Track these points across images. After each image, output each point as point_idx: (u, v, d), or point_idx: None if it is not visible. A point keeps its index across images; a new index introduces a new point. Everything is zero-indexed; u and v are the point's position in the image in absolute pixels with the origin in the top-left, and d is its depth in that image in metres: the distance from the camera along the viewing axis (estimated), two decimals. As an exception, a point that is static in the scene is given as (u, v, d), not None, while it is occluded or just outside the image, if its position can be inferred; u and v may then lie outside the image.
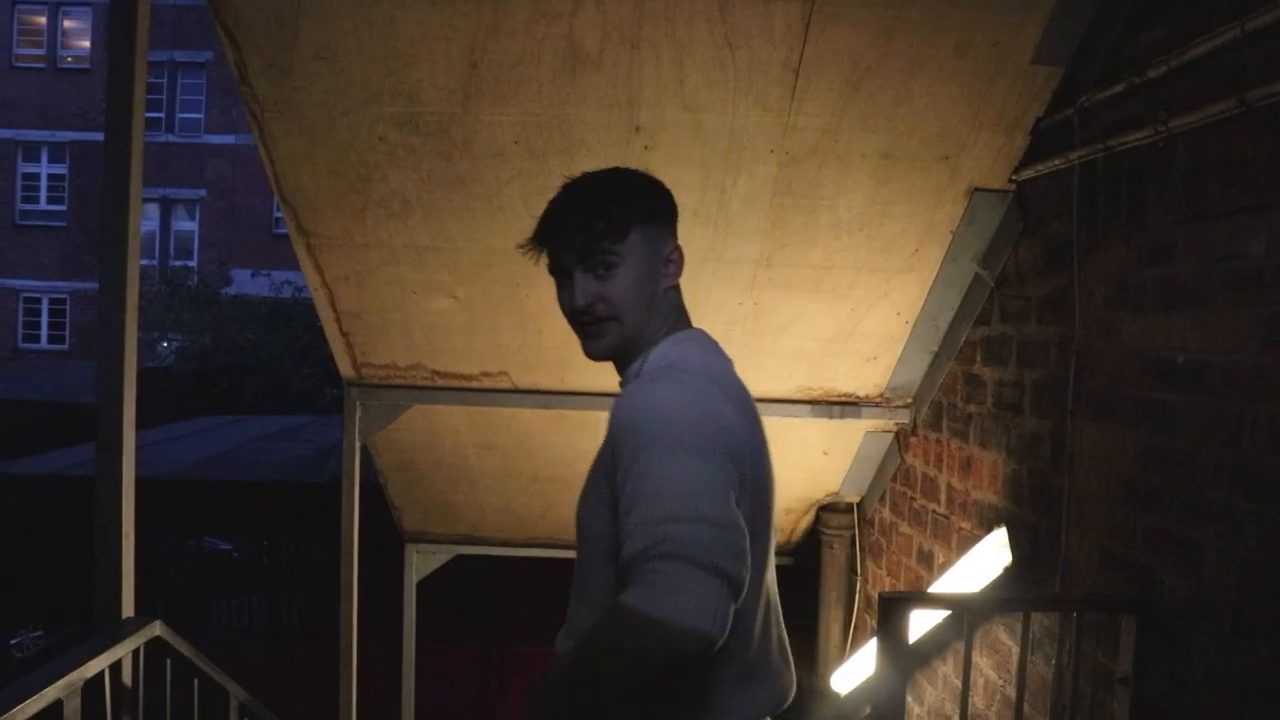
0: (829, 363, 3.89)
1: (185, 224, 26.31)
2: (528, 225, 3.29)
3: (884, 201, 3.22)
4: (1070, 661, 2.57)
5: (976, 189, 3.18)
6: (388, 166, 3.13)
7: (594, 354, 1.74)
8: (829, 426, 4.18)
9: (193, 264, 24.97)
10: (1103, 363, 2.63)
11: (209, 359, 19.90)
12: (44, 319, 27.17)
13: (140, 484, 7.37)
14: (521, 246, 1.78)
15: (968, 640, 2.62)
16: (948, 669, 3.63)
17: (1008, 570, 3.06)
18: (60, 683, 1.70)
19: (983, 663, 3.25)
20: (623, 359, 1.75)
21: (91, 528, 2.12)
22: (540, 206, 3.33)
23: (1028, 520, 3.01)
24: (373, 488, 4.94)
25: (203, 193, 25.95)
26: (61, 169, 27.10)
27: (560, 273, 1.73)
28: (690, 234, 3.29)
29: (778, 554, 1.81)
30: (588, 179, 1.79)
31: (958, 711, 2.82)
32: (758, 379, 3.74)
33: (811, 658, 4.80)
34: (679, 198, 3.23)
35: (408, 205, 3.24)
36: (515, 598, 8.55)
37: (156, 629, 1.95)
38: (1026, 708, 2.81)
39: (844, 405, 4.08)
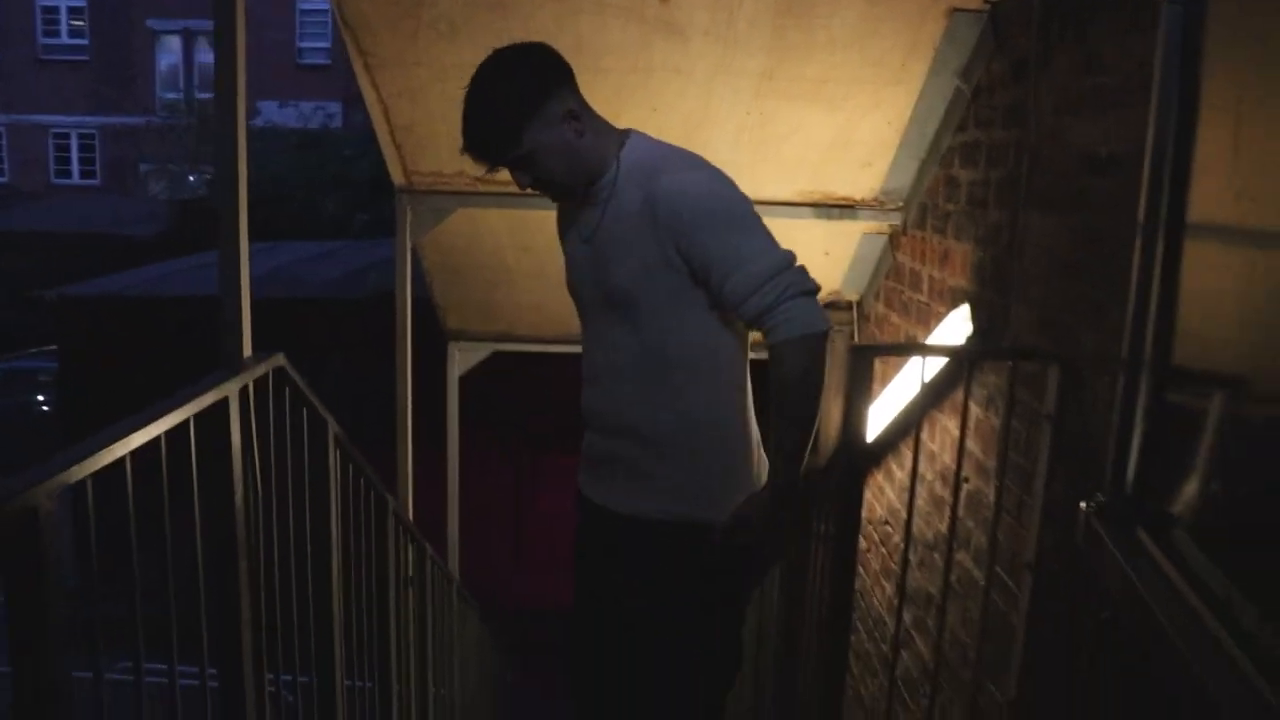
0: (827, 168, 4.37)
1: (208, 56, 26.34)
2: (559, 45, 3.76)
3: (874, 20, 3.64)
4: (1008, 406, 3.14)
5: (955, 9, 3.59)
6: (437, -9, 3.56)
7: (554, 199, 2.41)
8: (829, 228, 4.67)
9: (218, 95, 25.08)
10: (1049, 161, 3.11)
11: (240, 189, 20.23)
12: (74, 154, 27.47)
13: (180, 301, 7.87)
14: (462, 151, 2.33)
15: (922, 380, 3.16)
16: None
17: (969, 339, 3.61)
18: (208, 395, 2.12)
19: (947, 422, 3.82)
20: (580, 188, 2.30)
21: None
22: (570, 27, 3.79)
23: (987, 298, 3.54)
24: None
25: (224, 23, 25.76)
26: (80, 1, 26.98)
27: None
28: (702, 50, 3.73)
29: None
30: (470, 98, 2.30)
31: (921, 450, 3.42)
32: (764, 183, 4.23)
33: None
34: (692, 18, 3.68)
35: (454, 27, 3.68)
36: (543, 403, 9.18)
37: (281, 359, 2.46)
38: (971, 444, 3.40)
39: (842, 208, 4.56)
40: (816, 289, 2.23)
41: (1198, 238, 1.73)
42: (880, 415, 4.20)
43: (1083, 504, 2.00)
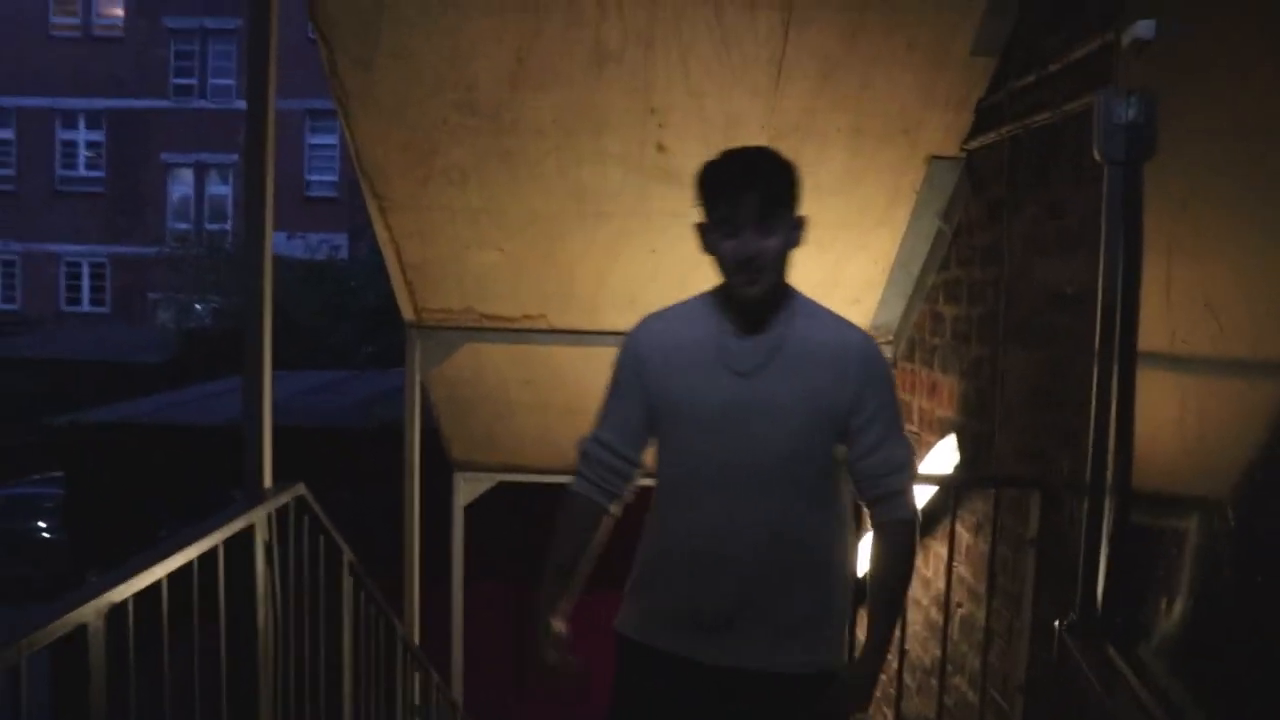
0: (818, 305, 4.57)
1: (219, 188, 27.00)
2: (562, 190, 4.02)
3: (858, 169, 3.89)
4: (994, 532, 3.27)
5: (934, 157, 3.85)
6: (449, 143, 3.82)
7: (752, 296, 2.17)
8: (820, 361, 4.84)
9: (228, 227, 25.72)
10: (1022, 297, 3.31)
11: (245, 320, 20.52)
12: (85, 282, 27.92)
13: (188, 431, 7.97)
14: (700, 186, 2.22)
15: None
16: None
17: (956, 468, 3.76)
18: (237, 522, 2.30)
19: (939, 548, 3.94)
20: (770, 301, 2.20)
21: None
22: (573, 174, 4.03)
23: (972, 428, 3.70)
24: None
25: (235, 157, 26.49)
26: (98, 135, 27.77)
27: (724, 226, 2.15)
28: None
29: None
30: (761, 154, 2.27)
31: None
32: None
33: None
34: (687, 165, 3.91)
35: (465, 175, 3.93)
36: (546, 534, 9.21)
37: (301, 489, 2.61)
38: (961, 568, 3.52)
39: (832, 342, 4.74)
40: None
41: (1148, 366, 1.91)
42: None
43: (1057, 623, 2.13)
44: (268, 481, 2.68)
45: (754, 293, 2.17)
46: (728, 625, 2.22)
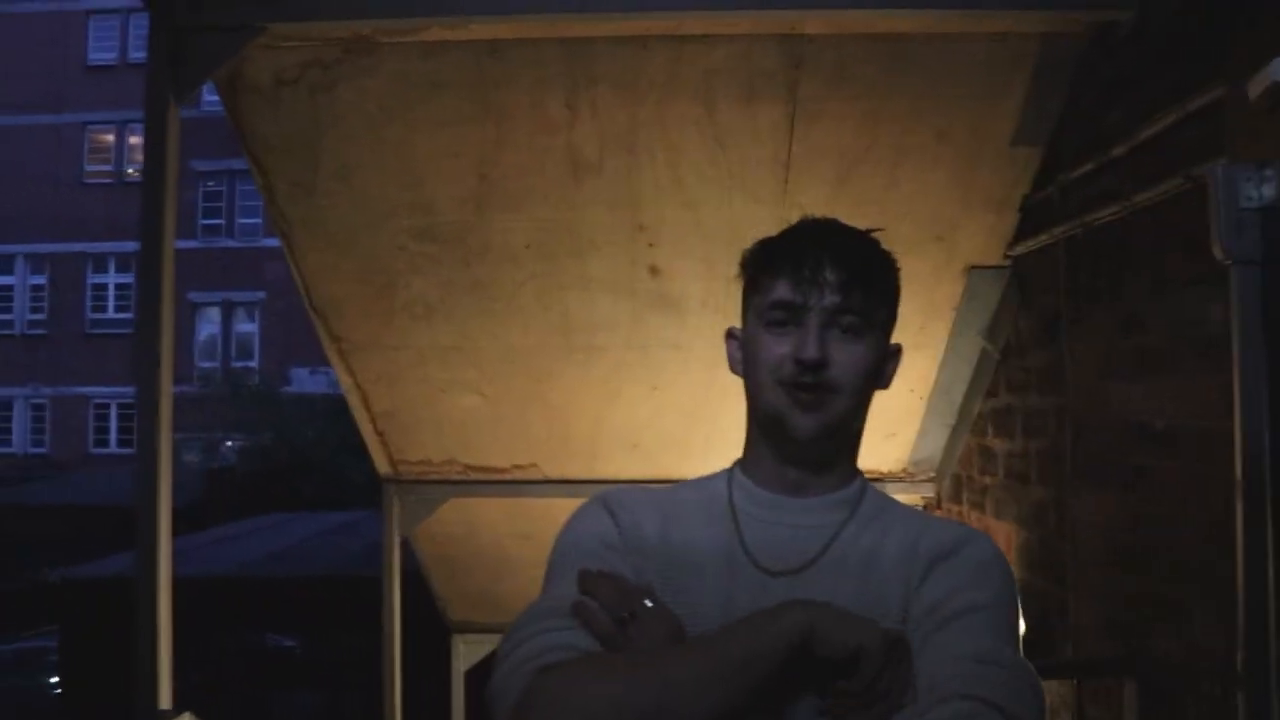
0: (849, 440, 3.98)
1: (246, 326, 27.03)
2: (544, 323, 3.45)
3: (885, 283, 3.34)
4: (1080, 726, 2.62)
5: (973, 266, 3.30)
6: (410, 274, 3.32)
7: (805, 430, 1.31)
8: (855, 502, 4.25)
9: (253, 364, 25.56)
10: (1094, 431, 2.71)
11: (270, 456, 20.27)
12: (113, 424, 27.88)
13: (202, 583, 7.55)
14: (746, 266, 1.41)
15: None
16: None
17: (1022, 638, 3.11)
18: None
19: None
20: (823, 456, 1.35)
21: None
22: (556, 305, 3.50)
23: (1038, 587, 3.07)
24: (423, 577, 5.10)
25: (262, 294, 26.58)
26: (128, 278, 27.98)
27: (783, 311, 1.33)
28: (701, 324, 3.43)
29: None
30: (854, 230, 1.40)
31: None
32: (778, 458, 3.85)
33: None
34: (686, 290, 3.39)
35: (431, 309, 3.42)
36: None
37: (187, 719, 2.08)
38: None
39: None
40: None
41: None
42: None
43: None
44: (164, 703, 2.16)
45: (806, 426, 1.31)
46: None
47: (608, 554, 1.32)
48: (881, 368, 1.36)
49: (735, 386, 3.55)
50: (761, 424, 1.37)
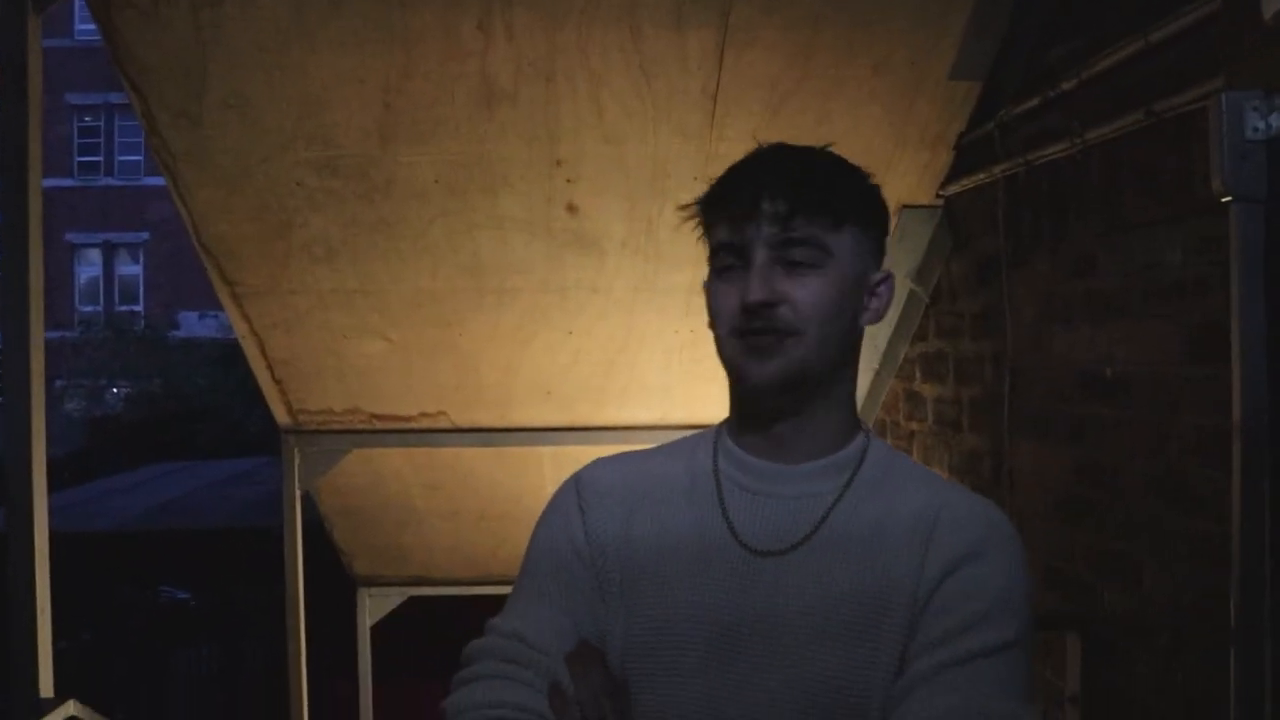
0: (771, 385, 3.87)
1: (129, 268, 25.95)
2: (454, 264, 3.23)
3: (813, 223, 3.20)
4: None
5: (905, 205, 3.18)
6: (309, 211, 3.07)
7: (760, 379, 1.17)
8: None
9: (138, 309, 24.62)
10: (1035, 378, 2.62)
11: (159, 404, 19.62)
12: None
13: (90, 538, 7.21)
14: (684, 208, 1.30)
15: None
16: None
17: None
18: None
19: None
20: (795, 409, 1.20)
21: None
22: (466, 245, 3.29)
23: (972, 537, 2.99)
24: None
25: (145, 235, 25.52)
26: None
27: (729, 255, 1.20)
28: (621, 265, 3.26)
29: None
30: (799, 148, 1.25)
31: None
32: (702, 406, 3.71)
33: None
34: (607, 230, 3.21)
35: (332, 250, 3.18)
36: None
37: (71, 709, 1.88)
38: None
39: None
40: None
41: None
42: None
43: None
44: (46, 690, 1.95)
45: (759, 375, 1.17)
46: None
47: (575, 563, 1.22)
48: (858, 300, 1.20)
49: (655, 332, 3.35)
50: (730, 382, 1.23)
